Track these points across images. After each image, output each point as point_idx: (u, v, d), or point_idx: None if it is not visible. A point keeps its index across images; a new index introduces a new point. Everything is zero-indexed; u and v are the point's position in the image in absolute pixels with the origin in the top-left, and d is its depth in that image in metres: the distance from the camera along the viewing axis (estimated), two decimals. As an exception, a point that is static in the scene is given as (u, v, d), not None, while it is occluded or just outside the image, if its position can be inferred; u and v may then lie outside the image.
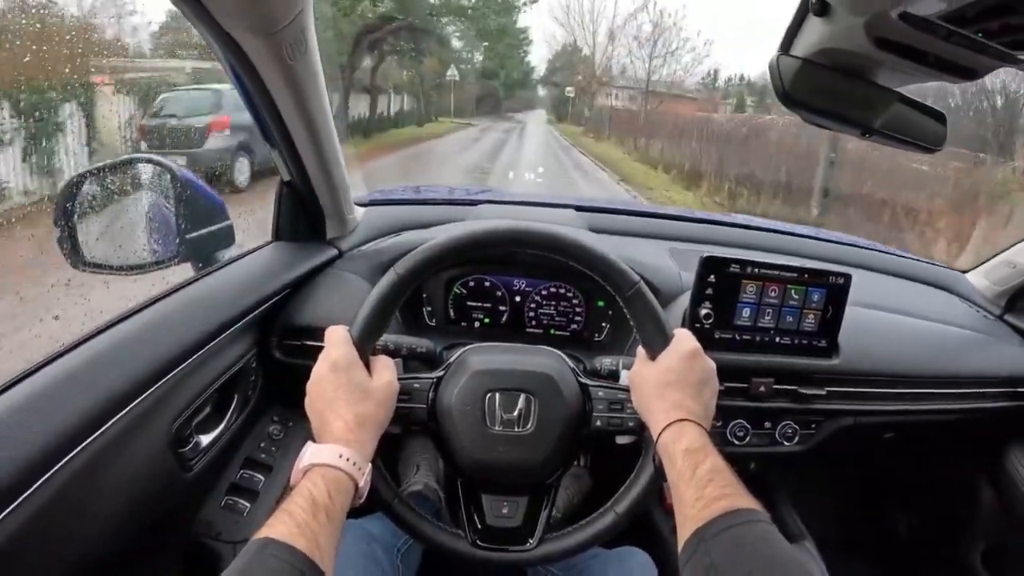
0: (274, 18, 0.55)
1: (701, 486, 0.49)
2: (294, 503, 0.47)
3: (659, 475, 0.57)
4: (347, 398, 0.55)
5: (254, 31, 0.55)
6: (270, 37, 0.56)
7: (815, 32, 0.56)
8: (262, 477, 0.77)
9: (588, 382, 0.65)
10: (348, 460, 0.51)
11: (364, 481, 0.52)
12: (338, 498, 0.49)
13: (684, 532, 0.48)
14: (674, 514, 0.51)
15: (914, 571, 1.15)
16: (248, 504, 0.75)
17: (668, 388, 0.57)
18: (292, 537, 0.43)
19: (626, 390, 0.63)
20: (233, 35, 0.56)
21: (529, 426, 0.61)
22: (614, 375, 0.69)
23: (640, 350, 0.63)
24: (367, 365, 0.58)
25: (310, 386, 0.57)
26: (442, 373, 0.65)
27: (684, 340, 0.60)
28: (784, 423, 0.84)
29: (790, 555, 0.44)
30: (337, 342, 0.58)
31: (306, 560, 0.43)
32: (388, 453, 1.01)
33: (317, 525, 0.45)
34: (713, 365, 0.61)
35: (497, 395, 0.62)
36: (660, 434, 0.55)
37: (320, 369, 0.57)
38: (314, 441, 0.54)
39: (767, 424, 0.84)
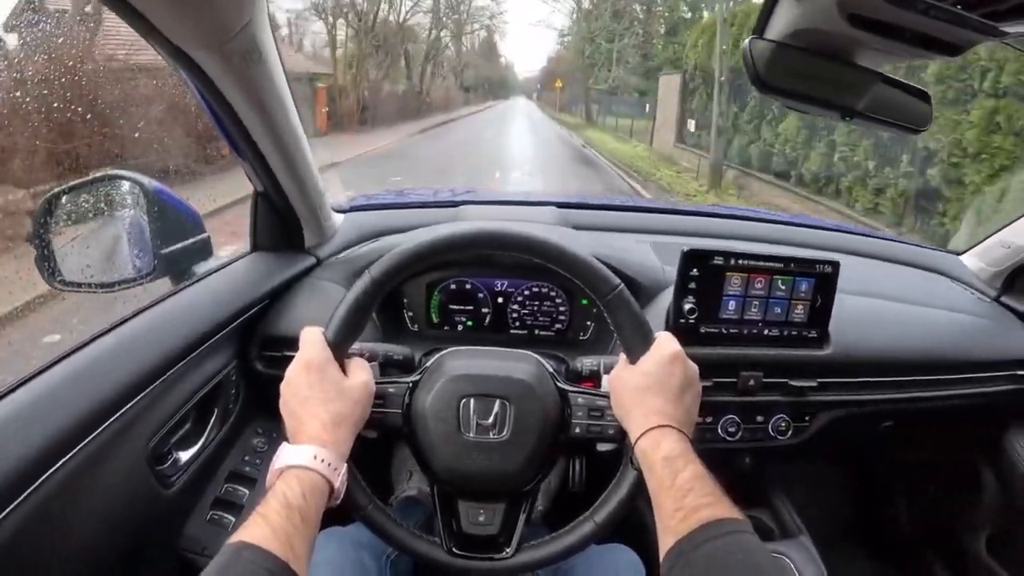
0: (221, 30, 0.54)
1: (681, 495, 0.47)
2: (268, 506, 0.46)
3: (640, 482, 0.55)
4: (322, 397, 0.54)
5: (201, 44, 0.54)
6: (219, 48, 0.55)
7: (788, 13, 0.53)
8: (246, 491, 0.77)
9: (568, 388, 0.63)
10: (323, 461, 0.50)
11: (339, 482, 0.52)
12: (313, 500, 0.48)
13: (665, 543, 0.47)
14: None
15: (917, 562, 1.13)
16: (233, 518, 0.74)
17: (647, 393, 0.56)
18: (267, 541, 0.43)
19: (607, 396, 0.61)
20: (183, 48, 0.54)
21: (504, 433, 0.60)
22: (595, 375, 0.67)
23: (621, 354, 0.61)
24: (342, 367, 0.57)
25: (284, 386, 0.56)
26: (417, 377, 0.63)
27: (665, 343, 0.58)
28: (776, 416, 0.82)
29: (771, 566, 0.44)
30: (312, 342, 0.57)
31: (281, 564, 0.42)
32: (380, 459, 1.01)
33: (292, 528, 0.45)
34: (696, 369, 0.58)
35: (472, 400, 0.60)
36: (638, 440, 0.53)
37: (294, 369, 0.56)
38: (288, 442, 0.53)
39: (759, 418, 0.82)
